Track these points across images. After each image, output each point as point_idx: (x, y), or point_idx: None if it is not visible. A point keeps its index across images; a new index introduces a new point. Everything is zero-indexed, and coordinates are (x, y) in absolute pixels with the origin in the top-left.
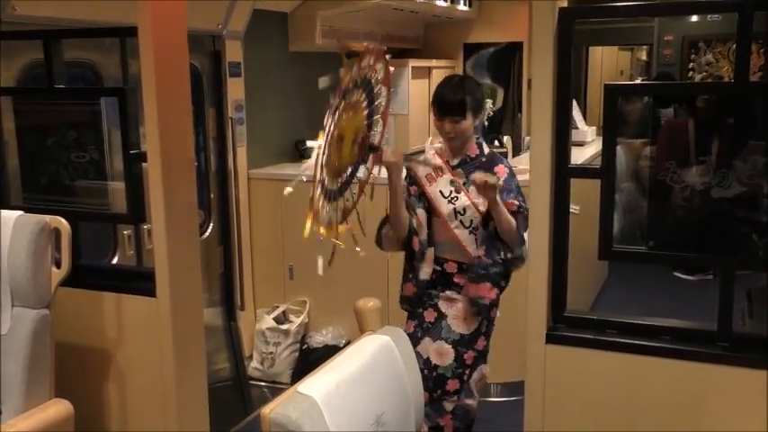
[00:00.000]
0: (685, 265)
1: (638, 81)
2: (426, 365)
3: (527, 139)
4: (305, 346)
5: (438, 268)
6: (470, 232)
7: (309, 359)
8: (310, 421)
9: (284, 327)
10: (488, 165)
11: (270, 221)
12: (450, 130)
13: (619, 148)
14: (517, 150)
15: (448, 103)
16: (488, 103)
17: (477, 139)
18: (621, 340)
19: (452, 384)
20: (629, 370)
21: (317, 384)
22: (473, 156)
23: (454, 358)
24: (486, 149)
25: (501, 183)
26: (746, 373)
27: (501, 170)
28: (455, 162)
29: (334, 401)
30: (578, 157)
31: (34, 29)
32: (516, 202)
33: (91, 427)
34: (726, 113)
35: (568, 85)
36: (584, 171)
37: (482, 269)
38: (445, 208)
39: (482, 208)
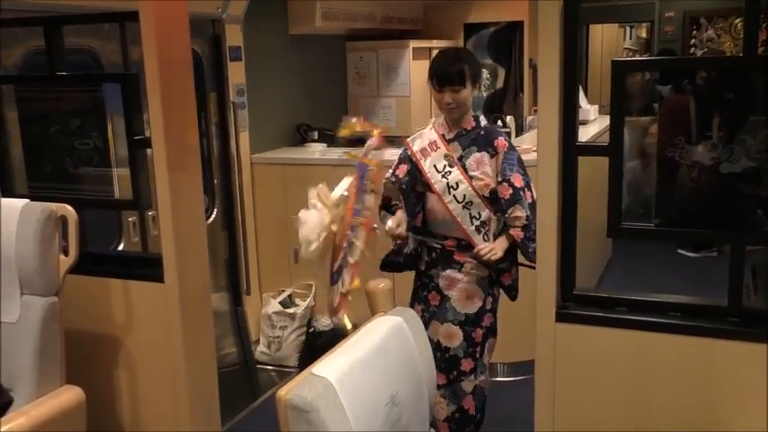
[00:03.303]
0: (690, 242)
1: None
2: (438, 348)
3: (529, 118)
4: (311, 330)
5: (438, 246)
6: (464, 207)
7: (316, 342)
8: (326, 402)
9: (290, 310)
10: (486, 138)
11: (273, 205)
12: (450, 100)
13: None
14: (519, 130)
15: (447, 73)
16: (485, 73)
17: (475, 112)
18: (631, 317)
19: (467, 364)
20: (640, 347)
21: (332, 366)
22: (469, 128)
23: (463, 338)
24: (483, 122)
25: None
26: (757, 348)
27: (501, 143)
28: (451, 136)
29: (349, 382)
30: (582, 135)
31: (34, 16)
32: (520, 177)
33: (102, 412)
34: (728, 88)
35: (575, 64)
36: (592, 149)
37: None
38: (439, 183)
39: (475, 183)
